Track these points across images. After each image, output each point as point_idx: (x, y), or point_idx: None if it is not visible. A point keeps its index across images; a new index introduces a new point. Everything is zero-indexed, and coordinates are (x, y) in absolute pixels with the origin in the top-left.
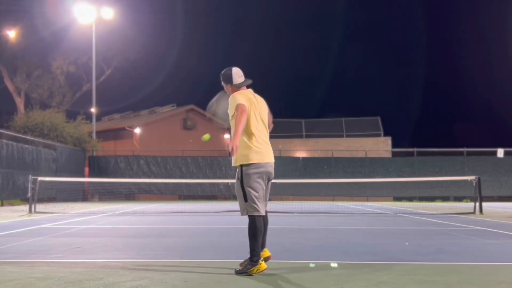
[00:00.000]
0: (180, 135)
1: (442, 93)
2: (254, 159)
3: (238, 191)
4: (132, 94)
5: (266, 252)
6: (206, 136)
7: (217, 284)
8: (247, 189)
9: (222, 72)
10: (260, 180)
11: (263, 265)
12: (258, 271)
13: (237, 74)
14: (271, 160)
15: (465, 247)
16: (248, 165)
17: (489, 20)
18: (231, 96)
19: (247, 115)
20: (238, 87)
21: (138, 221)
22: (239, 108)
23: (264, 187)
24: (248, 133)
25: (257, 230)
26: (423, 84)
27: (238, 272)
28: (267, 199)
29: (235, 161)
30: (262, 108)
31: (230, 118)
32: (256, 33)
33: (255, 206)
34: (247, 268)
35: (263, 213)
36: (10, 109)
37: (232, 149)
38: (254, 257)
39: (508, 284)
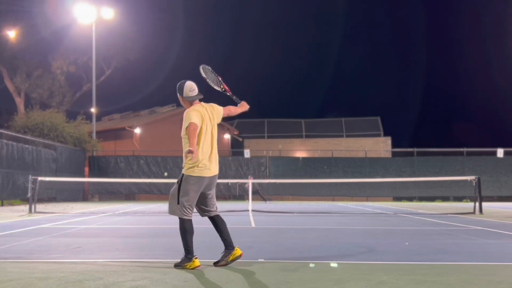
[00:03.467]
0: (180, 135)
1: (442, 93)
2: (196, 173)
3: (173, 194)
4: (132, 94)
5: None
6: None
7: (217, 284)
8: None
9: (177, 84)
10: (195, 191)
11: (196, 262)
12: (191, 267)
13: (188, 88)
14: (210, 174)
15: (465, 247)
16: (188, 176)
17: (489, 20)
18: (185, 112)
19: (198, 131)
20: (189, 100)
21: (138, 221)
22: (191, 126)
23: (196, 196)
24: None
25: (185, 230)
26: (423, 84)
27: (176, 265)
28: (212, 203)
29: (184, 168)
30: (214, 118)
31: (182, 132)
32: (256, 33)
33: (184, 210)
34: (183, 263)
35: (189, 217)
36: (10, 109)
37: (191, 154)
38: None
39: (508, 284)
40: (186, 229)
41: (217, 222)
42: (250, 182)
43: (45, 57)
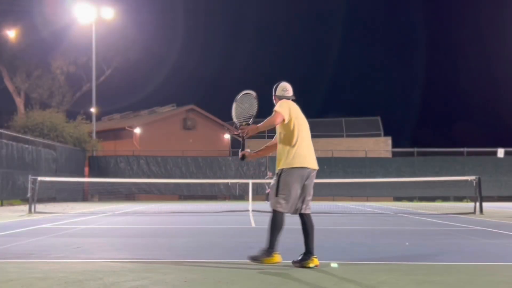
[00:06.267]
0: (180, 135)
1: (442, 93)
2: (296, 163)
3: (273, 186)
4: (132, 94)
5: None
6: None
7: (217, 284)
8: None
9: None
10: (295, 184)
11: (276, 257)
12: (269, 262)
13: (281, 87)
14: (311, 166)
15: (465, 247)
16: (290, 169)
17: (489, 20)
18: (283, 101)
19: (288, 122)
20: (281, 99)
21: (138, 221)
22: (277, 115)
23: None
24: (292, 139)
25: (275, 223)
26: (423, 84)
27: (251, 258)
28: (305, 199)
29: (278, 165)
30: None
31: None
32: (256, 33)
33: (280, 203)
34: (261, 256)
35: (285, 211)
36: (10, 109)
37: (243, 134)
38: (270, 248)
39: (508, 284)
40: (277, 222)
41: (306, 222)
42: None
43: (45, 57)
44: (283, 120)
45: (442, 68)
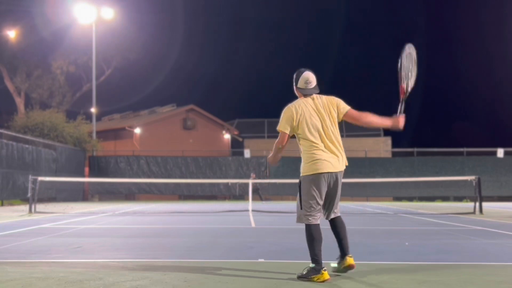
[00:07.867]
0: (180, 135)
1: (442, 93)
2: (310, 170)
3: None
4: (132, 94)
5: (350, 260)
6: None
7: (217, 284)
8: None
9: (295, 73)
10: (316, 191)
11: (325, 275)
12: (319, 280)
13: (304, 79)
14: (330, 170)
15: (465, 247)
16: (306, 176)
17: (489, 19)
18: (284, 110)
19: (289, 134)
20: (301, 93)
21: (138, 221)
22: (280, 134)
23: (319, 196)
24: (304, 144)
25: (312, 237)
26: (423, 84)
27: (299, 277)
28: (333, 204)
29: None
30: (328, 110)
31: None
32: (256, 32)
33: (308, 214)
34: (309, 274)
35: (316, 222)
36: (10, 109)
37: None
38: (316, 265)
39: (508, 284)
40: (313, 236)
41: (336, 225)
42: (251, 180)
43: (45, 57)
44: (287, 135)
45: (442, 67)
